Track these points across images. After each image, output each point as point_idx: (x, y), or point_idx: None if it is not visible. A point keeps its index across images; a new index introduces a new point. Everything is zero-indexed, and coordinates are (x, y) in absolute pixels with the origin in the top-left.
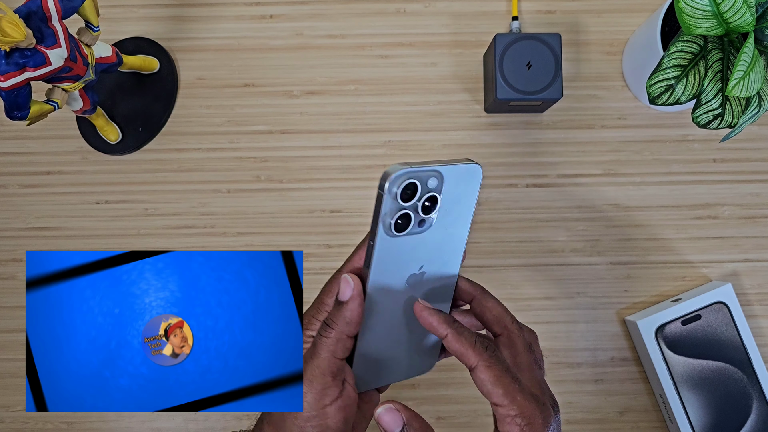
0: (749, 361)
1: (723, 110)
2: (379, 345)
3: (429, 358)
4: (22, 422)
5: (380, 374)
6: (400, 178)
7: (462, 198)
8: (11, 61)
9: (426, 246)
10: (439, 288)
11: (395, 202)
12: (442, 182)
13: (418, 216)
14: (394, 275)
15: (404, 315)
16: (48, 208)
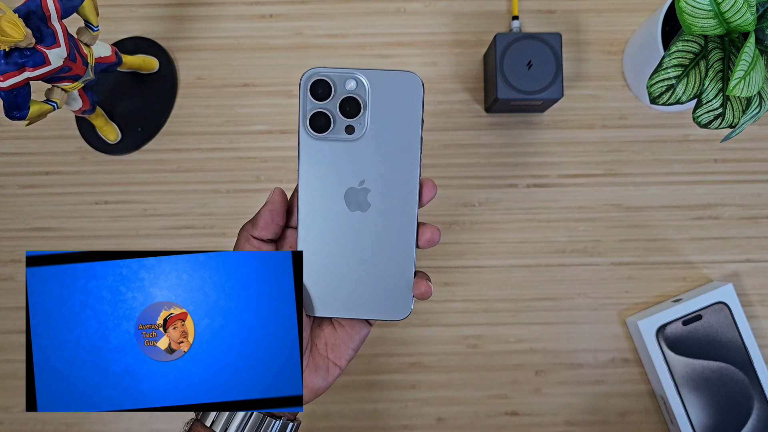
0: (750, 362)
1: (724, 110)
2: (330, 267)
3: (400, 301)
4: (21, 423)
5: (339, 303)
6: (311, 75)
7: (400, 110)
8: (10, 61)
9: (363, 158)
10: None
11: (309, 100)
12: (367, 88)
13: (341, 119)
14: (328, 185)
15: (356, 238)
16: (47, 208)
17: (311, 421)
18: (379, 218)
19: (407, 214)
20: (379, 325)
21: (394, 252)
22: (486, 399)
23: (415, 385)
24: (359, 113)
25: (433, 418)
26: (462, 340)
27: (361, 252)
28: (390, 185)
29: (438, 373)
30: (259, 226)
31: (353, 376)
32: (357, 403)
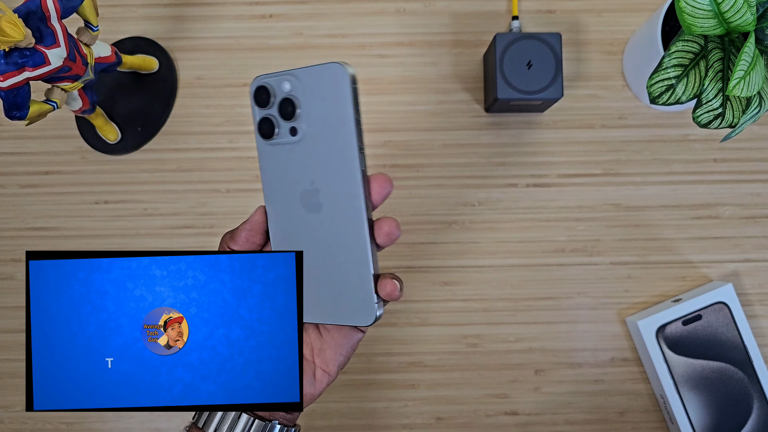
0: (750, 362)
1: (724, 110)
2: None
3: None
4: (21, 422)
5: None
6: (254, 83)
7: (332, 104)
8: (10, 61)
9: (308, 158)
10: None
11: (255, 108)
12: (301, 87)
13: (283, 123)
14: (285, 189)
15: (315, 241)
16: (47, 208)
17: (311, 419)
18: (332, 219)
19: (356, 213)
20: (378, 324)
21: (350, 253)
22: (485, 398)
23: (415, 384)
24: (295, 114)
25: (432, 417)
26: (461, 339)
27: (321, 255)
28: (335, 183)
29: (437, 372)
30: (237, 242)
31: (353, 375)
32: (356, 402)
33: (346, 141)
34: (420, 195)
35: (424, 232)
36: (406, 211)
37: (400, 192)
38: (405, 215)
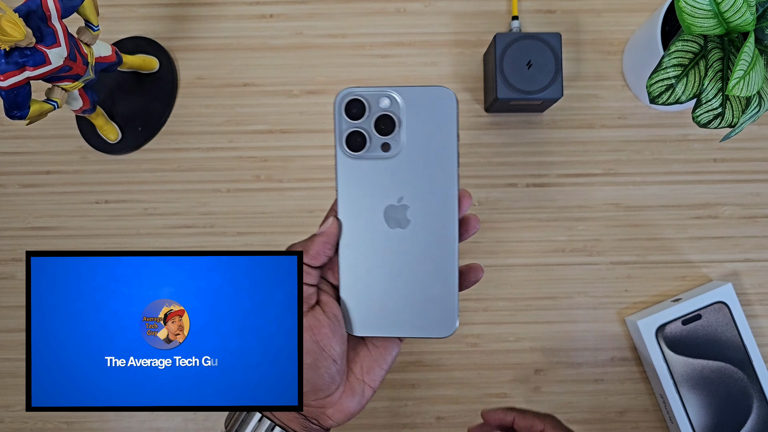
0: (749, 361)
1: (723, 110)
2: (371, 285)
3: (444, 319)
4: (22, 422)
5: (380, 322)
6: (345, 95)
7: (435, 125)
8: (11, 61)
9: (400, 174)
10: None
11: (344, 119)
12: (400, 105)
13: (377, 137)
14: (366, 203)
15: (397, 256)
16: (48, 207)
17: None
18: (420, 235)
19: (447, 229)
20: None
21: (437, 268)
22: (485, 398)
23: (415, 383)
24: (394, 130)
25: (432, 416)
26: (461, 339)
27: (403, 269)
28: (428, 201)
29: (438, 371)
30: (310, 254)
31: None
32: None
33: (447, 162)
34: None
35: None
36: None
37: None
38: None
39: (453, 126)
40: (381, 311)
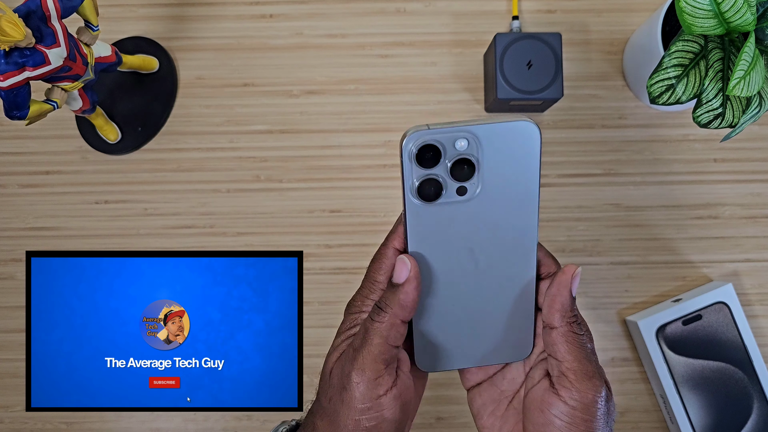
0: (750, 362)
1: (724, 110)
2: (445, 325)
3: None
4: (21, 422)
5: (451, 356)
6: (415, 140)
7: (516, 164)
8: (10, 61)
9: (476, 217)
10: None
11: (415, 168)
12: (480, 143)
13: (452, 182)
14: (439, 246)
15: (471, 296)
16: (47, 207)
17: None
18: (496, 274)
19: (526, 267)
20: None
21: (514, 306)
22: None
23: None
24: (473, 174)
25: (432, 417)
26: None
27: (475, 305)
28: (507, 240)
29: (437, 371)
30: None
31: None
32: None
33: (527, 202)
34: None
35: None
36: None
37: (400, 192)
38: None
39: (536, 163)
40: (455, 345)
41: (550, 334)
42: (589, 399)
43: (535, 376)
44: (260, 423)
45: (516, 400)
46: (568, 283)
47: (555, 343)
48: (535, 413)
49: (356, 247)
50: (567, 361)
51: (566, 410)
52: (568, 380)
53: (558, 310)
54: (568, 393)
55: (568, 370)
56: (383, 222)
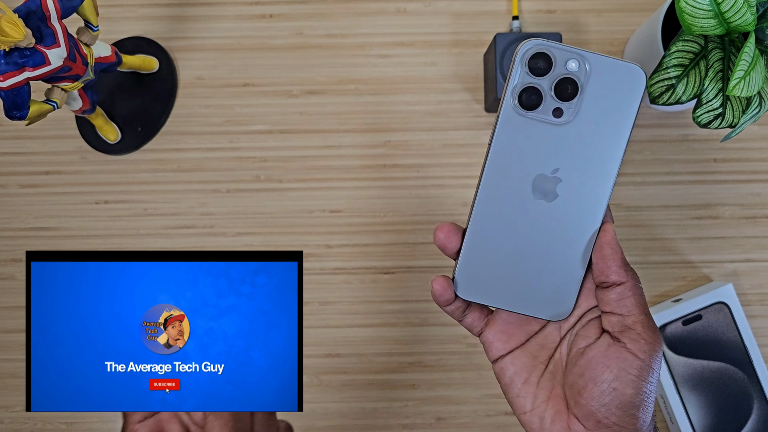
0: (750, 362)
1: (724, 110)
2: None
3: (562, 302)
4: (21, 422)
5: (493, 290)
6: (532, 47)
7: (615, 102)
8: (10, 61)
9: (562, 145)
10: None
11: (524, 72)
12: (588, 72)
13: (552, 100)
14: (518, 166)
15: (533, 228)
16: (47, 208)
17: (311, 420)
18: (564, 212)
19: (593, 213)
20: (378, 324)
21: (569, 250)
22: (486, 398)
23: (415, 384)
24: (574, 97)
25: (432, 417)
26: (461, 339)
27: (534, 243)
28: (584, 180)
29: (438, 372)
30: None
31: (353, 375)
32: (357, 402)
33: (615, 145)
34: (420, 195)
35: (424, 232)
36: (406, 211)
37: (400, 192)
38: (405, 215)
39: (633, 109)
40: (498, 281)
41: (615, 290)
42: (656, 349)
43: (590, 335)
44: None
45: (552, 365)
46: (616, 240)
47: (622, 297)
48: (599, 370)
49: (356, 247)
50: (634, 315)
51: (635, 362)
52: (636, 332)
53: (621, 266)
54: (638, 345)
55: (636, 323)
56: (383, 222)
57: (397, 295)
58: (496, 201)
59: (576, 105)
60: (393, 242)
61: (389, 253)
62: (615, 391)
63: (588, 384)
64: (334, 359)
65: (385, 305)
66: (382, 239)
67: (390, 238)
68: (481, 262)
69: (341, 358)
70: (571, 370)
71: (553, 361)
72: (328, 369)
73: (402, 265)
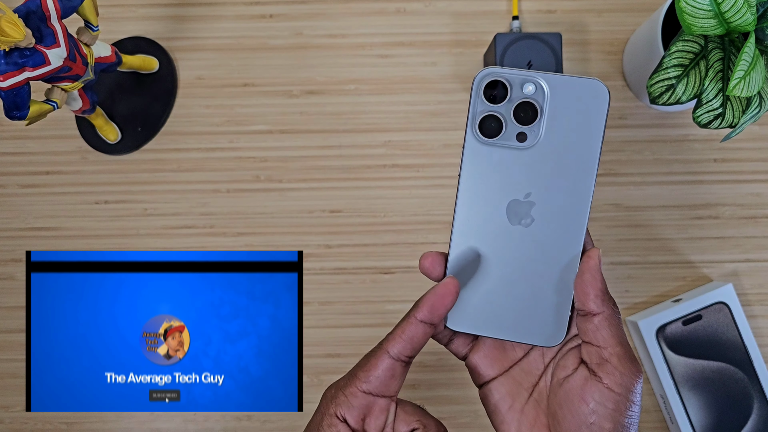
0: (750, 362)
1: (724, 110)
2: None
3: (552, 326)
4: (21, 422)
5: (481, 319)
6: (486, 75)
7: (580, 120)
8: (10, 61)
9: (531, 168)
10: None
11: (480, 102)
12: (547, 93)
13: (514, 125)
14: (490, 194)
15: (513, 254)
16: (47, 208)
17: None
18: (543, 236)
19: (573, 234)
20: (379, 325)
21: (555, 273)
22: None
23: (415, 384)
24: (535, 120)
25: None
26: None
27: (517, 269)
28: (559, 201)
29: (438, 372)
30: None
31: None
32: None
33: (587, 162)
34: (420, 195)
35: (424, 232)
36: (406, 211)
37: (400, 192)
38: (405, 215)
39: (600, 125)
40: (484, 309)
41: (592, 320)
42: (633, 382)
43: (569, 365)
44: (260, 423)
45: (536, 393)
46: (598, 267)
47: (598, 328)
48: (576, 403)
49: (356, 247)
50: (610, 346)
51: (611, 396)
52: (612, 365)
53: (598, 296)
54: (613, 379)
55: (612, 355)
56: (383, 222)
57: (397, 295)
58: (473, 230)
59: (538, 128)
60: (393, 242)
61: (389, 253)
62: (593, 425)
63: (567, 416)
64: (334, 359)
65: (385, 305)
66: (382, 239)
67: (390, 238)
68: (466, 291)
69: (341, 358)
70: (552, 400)
71: (538, 389)
72: (328, 369)
73: (402, 265)
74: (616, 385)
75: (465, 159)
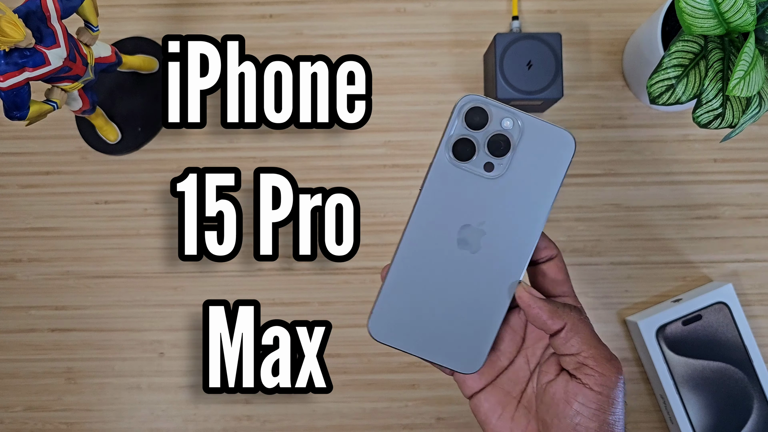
0: (750, 362)
1: (723, 110)
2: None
3: (473, 354)
4: (21, 423)
5: (407, 335)
6: (470, 101)
7: (544, 165)
8: (10, 61)
9: (490, 199)
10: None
11: (460, 124)
12: (521, 131)
13: (485, 154)
14: (445, 214)
15: (453, 278)
16: (47, 208)
17: (311, 420)
18: (485, 265)
19: (514, 270)
20: None
21: (487, 303)
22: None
23: (415, 384)
24: (506, 153)
25: (432, 417)
26: None
27: (452, 293)
28: (507, 236)
29: (438, 372)
30: None
31: (353, 375)
32: (357, 402)
33: (540, 205)
34: None
35: None
36: (406, 212)
37: (400, 192)
38: (405, 215)
39: (561, 173)
40: (414, 326)
41: (558, 335)
42: (613, 381)
43: (551, 371)
44: (260, 423)
45: (525, 400)
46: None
47: (566, 340)
48: (561, 406)
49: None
50: (584, 351)
51: (593, 396)
52: (589, 368)
53: (550, 316)
54: (593, 380)
55: (587, 358)
56: (383, 222)
57: None
58: (420, 247)
59: (507, 162)
60: (393, 242)
61: (389, 253)
62: (579, 426)
63: (554, 420)
64: (334, 359)
65: None
66: (382, 239)
67: (390, 238)
68: (399, 306)
69: (341, 358)
70: (539, 406)
71: (526, 395)
72: (329, 369)
73: None
74: (597, 386)
75: (431, 175)
